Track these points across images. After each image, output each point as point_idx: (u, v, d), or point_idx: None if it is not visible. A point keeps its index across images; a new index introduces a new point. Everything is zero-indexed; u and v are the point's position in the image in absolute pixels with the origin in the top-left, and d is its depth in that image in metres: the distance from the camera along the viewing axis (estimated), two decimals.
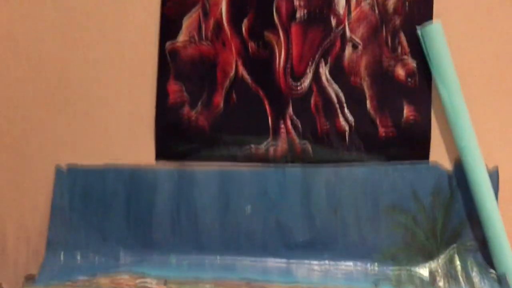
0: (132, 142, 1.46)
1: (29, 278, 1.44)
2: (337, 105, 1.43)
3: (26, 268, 1.47)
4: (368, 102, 1.42)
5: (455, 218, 1.42)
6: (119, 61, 1.45)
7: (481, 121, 1.35)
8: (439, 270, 1.46)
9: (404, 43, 1.40)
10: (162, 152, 1.48)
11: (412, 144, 1.42)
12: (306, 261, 1.55)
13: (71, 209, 1.48)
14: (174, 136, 1.47)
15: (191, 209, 1.50)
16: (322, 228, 1.48)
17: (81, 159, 1.46)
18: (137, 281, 1.32)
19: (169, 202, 1.49)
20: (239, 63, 1.44)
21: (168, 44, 1.45)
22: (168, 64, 1.45)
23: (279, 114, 1.45)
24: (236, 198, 1.50)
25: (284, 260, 1.55)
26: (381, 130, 1.42)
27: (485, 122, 1.36)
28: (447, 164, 1.39)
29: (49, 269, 1.45)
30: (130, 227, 1.49)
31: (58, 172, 1.46)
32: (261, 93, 1.44)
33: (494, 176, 1.36)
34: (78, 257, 1.49)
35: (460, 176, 1.38)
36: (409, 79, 1.40)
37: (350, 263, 1.50)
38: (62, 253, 1.49)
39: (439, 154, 1.40)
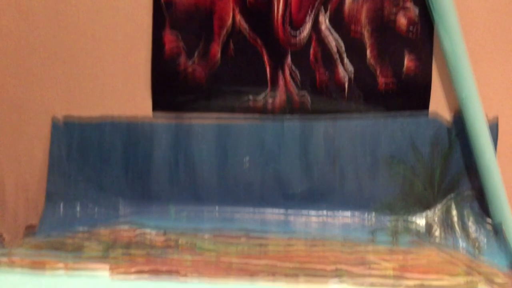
0: (128, 93, 1.44)
1: (30, 229, 1.45)
2: (336, 55, 1.40)
3: (26, 219, 1.48)
4: (368, 52, 1.39)
5: (453, 168, 1.42)
6: (114, 12, 1.41)
7: (483, 72, 1.33)
8: (436, 220, 1.48)
9: None
10: (159, 104, 1.46)
11: (412, 95, 1.40)
12: (304, 212, 1.56)
13: (68, 161, 1.47)
14: (171, 87, 1.45)
15: (189, 161, 1.50)
16: (320, 179, 1.48)
17: (77, 111, 1.45)
18: (137, 232, 1.34)
19: (167, 154, 1.49)
20: (236, 11, 1.40)
21: None
22: (163, 13, 1.42)
23: (277, 65, 1.42)
24: (234, 150, 1.50)
25: (282, 211, 1.56)
26: (381, 81, 1.40)
27: (486, 73, 1.34)
28: (446, 115, 1.38)
29: (49, 220, 1.46)
30: (129, 178, 1.50)
31: (54, 124, 1.45)
32: (259, 42, 1.41)
33: (493, 127, 1.35)
34: (78, 208, 1.50)
35: (459, 127, 1.37)
36: (410, 28, 1.37)
37: (348, 214, 1.52)
38: (61, 204, 1.50)
39: (439, 105, 1.39)
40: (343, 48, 1.40)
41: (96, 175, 1.50)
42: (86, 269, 0.97)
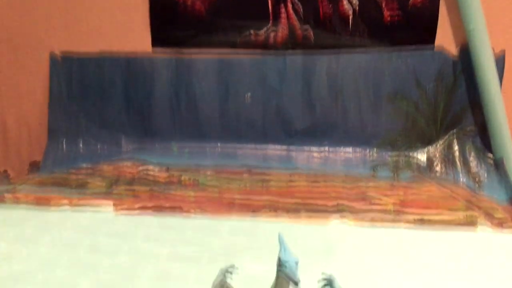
0: (127, 28, 1.41)
1: (34, 165, 1.47)
2: None
3: (29, 156, 1.49)
4: None
5: (457, 103, 1.41)
6: None
7: (492, 4, 1.28)
8: (437, 155, 1.48)
9: None
10: (158, 39, 1.43)
11: (418, 28, 1.36)
12: (306, 148, 1.57)
13: (69, 97, 1.46)
14: (170, 21, 1.41)
15: (190, 97, 1.48)
16: (322, 115, 1.47)
17: (75, 47, 1.43)
18: (140, 168, 1.34)
19: (167, 90, 1.48)
20: None
21: None
22: None
23: None
24: (235, 86, 1.48)
25: (284, 147, 1.57)
26: (387, 14, 1.36)
27: (495, 5, 1.29)
28: (452, 50, 1.35)
29: (52, 156, 1.47)
30: (130, 115, 1.49)
31: (52, 59, 1.43)
32: None
33: (500, 61, 1.32)
34: (80, 145, 1.51)
35: (465, 61, 1.34)
36: None
37: (350, 150, 1.52)
38: (64, 140, 1.50)
39: (445, 39, 1.35)
40: None
41: (97, 112, 1.49)
42: (90, 205, 0.98)
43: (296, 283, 0.39)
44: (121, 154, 1.47)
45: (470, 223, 0.96)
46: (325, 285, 0.46)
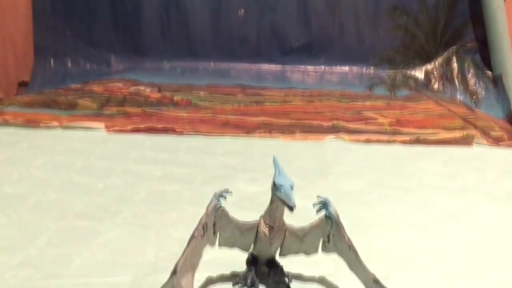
0: None
1: (23, 85, 1.43)
2: None
3: (17, 76, 1.44)
4: None
5: (458, 18, 1.36)
6: None
7: None
8: (435, 72, 1.45)
9: None
10: None
11: None
12: (302, 66, 1.53)
13: (53, 13, 1.40)
14: None
15: (181, 13, 1.42)
16: (318, 31, 1.42)
17: None
18: (131, 88, 1.31)
19: (157, 6, 1.41)
20: None
21: None
22: None
23: None
24: (228, 1, 1.41)
25: (279, 65, 1.53)
26: None
27: None
28: None
29: (40, 76, 1.43)
30: (119, 32, 1.43)
31: None
32: None
33: None
34: (69, 64, 1.46)
35: None
36: None
37: (346, 68, 1.48)
38: (51, 59, 1.45)
39: None
40: None
41: (84, 29, 1.43)
42: (81, 126, 0.96)
43: (291, 208, 0.38)
44: (111, 74, 1.43)
45: (467, 141, 0.95)
46: (320, 208, 0.45)
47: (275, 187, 0.40)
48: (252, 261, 0.48)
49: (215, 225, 0.45)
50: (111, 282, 0.51)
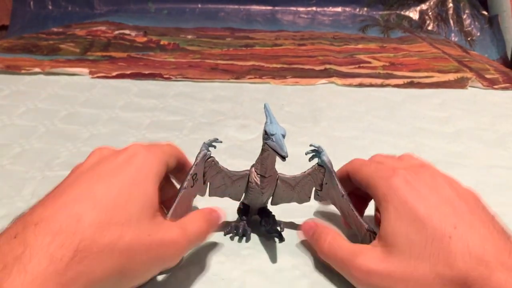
0: None
1: (1, 29, 1.37)
2: None
3: None
4: None
5: None
6: None
7: None
8: (430, 13, 1.41)
9: None
10: None
11: None
12: (292, 8, 1.48)
13: None
14: None
15: None
16: None
17: None
18: (116, 32, 1.26)
19: None
20: None
21: None
22: None
23: None
24: None
25: (269, 7, 1.48)
26: None
27: None
28: None
29: (19, 19, 1.37)
30: None
31: None
32: None
33: None
34: (50, 6, 1.40)
35: None
36: None
37: (338, 8, 1.44)
38: (31, 1, 1.40)
39: None
40: None
41: None
42: (64, 72, 0.92)
43: (283, 157, 0.36)
44: (94, 17, 1.37)
45: (461, 84, 0.93)
46: (313, 157, 0.43)
47: (266, 135, 0.39)
48: (244, 210, 0.47)
49: (205, 175, 0.43)
50: None
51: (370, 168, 0.42)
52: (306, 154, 0.44)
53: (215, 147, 0.44)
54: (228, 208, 0.46)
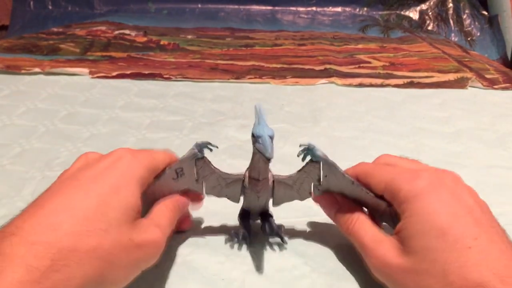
0: None
1: (1, 29, 1.37)
2: None
3: None
4: None
5: None
6: None
7: None
8: (430, 13, 1.41)
9: None
10: None
11: None
12: (292, 8, 1.48)
13: None
14: None
15: None
16: None
17: None
18: (116, 32, 1.26)
19: None
20: None
21: None
22: None
23: None
24: None
25: (269, 7, 1.48)
26: None
27: None
28: None
29: (19, 19, 1.37)
30: None
31: None
32: None
33: None
34: (50, 6, 1.40)
35: None
36: None
37: (338, 8, 1.44)
38: (31, 1, 1.40)
39: None
40: None
41: None
42: (64, 72, 0.92)
43: (268, 159, 0.36)
44: (94, 17, 1.37)
45: (461, 84, 0.93)
46: (305, 155, 0.43)
47: (253, 138, 0.38)
48: (243, 216, 0.46)
49: (199, 174, 0.43)
50: None
51: (386, 170, 0.42)
52: (298, 155, 0.43)
53: (211, 150, 0.43)
54: (228, 207, 0.46)
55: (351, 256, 0.43)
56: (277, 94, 0.88)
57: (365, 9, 1.43)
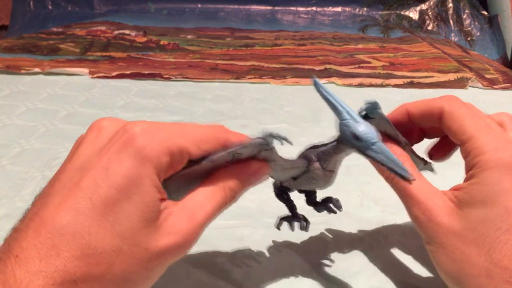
0: None
1: (1, 29, 1.37)
2: None
3: None
4: None
5: None
6: None
7: None
8: (430, 13, 1.41)
9: None
10: None
11: None
12: (292, 8, 1.48)
13: None
14: None
15: None
16: None
17: None
18: (116, 32, 1.26)
19: None
20: None
21: None
22: None
23: None
24: None
25: (268, 7, 1.48)
26: None
27: None
28: None
29: (19, 19, 1.37)
30: None
31: None
32: None
33: None
34: (49, 6, 1.40)
35: None
36: None
37: (338, 8, 1.44)
38: (31, 1, 1.40)
39: None
40: None
41: None
42: (64, 72, 0.92)
43: (408, 181, 0.34)
44: (94, 17, 1.37)
45: (461, 84, 0.93)
46: (366, 114, 0.39)
47: (357, 140, 0.33)
48: (284, 194, 0.43)
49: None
50: None
51: (478, 124, 0.38)
52: (360, 113, 0.39)
53: (282, 143, 0.38)
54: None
55: (355, 255, 0.43)
56: (277, 94, 0.88)
57: (365, 9, 1.43)
